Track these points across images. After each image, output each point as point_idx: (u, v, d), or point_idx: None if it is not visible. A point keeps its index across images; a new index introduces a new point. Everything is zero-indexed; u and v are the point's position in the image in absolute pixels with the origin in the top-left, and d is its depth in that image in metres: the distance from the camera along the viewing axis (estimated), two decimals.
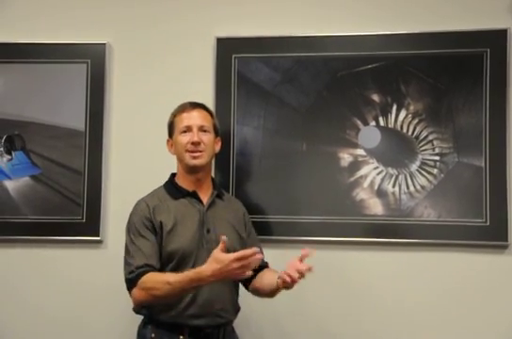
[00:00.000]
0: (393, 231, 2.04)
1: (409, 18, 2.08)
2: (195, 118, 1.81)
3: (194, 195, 1.82)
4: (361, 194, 2.06)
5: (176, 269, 1.72)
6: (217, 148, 1.88)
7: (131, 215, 1.80)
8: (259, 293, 1.84)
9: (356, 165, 2.07)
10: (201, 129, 1.80)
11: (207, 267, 1.62)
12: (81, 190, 2.14)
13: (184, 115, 1.81)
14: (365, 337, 2.06)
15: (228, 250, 1.69)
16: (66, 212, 2.13)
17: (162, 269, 1.74)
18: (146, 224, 1.76)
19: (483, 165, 2.01)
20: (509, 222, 1.99)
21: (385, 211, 2.05)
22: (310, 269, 1.66)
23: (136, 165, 1.90)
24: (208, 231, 1.79)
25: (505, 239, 1.99)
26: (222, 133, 2.06)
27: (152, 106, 2.13)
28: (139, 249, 1.74)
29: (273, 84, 2.11)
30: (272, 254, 1.96)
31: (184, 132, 1.79)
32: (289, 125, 2.10)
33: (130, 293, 1.74)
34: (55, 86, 2.16)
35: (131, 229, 1.78)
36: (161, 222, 1.76)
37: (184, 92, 2.04)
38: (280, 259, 1.94)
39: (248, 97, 2.12)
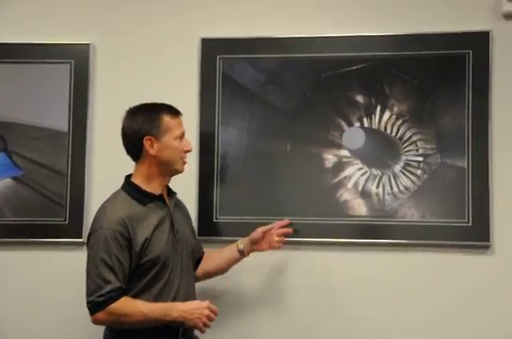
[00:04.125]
0: (377, 231, 2.13)
1: (394, 20, 2.19)
2: (182, 124, 1.90)
3: (160, 198, 1.87)
4: (345, 195, 2.15)
5: (157, 275, 1.80)
6: None
7: (100, 226, 1.78)
8: (209, 274, 2.00)
9: (340, 166, 2.16)
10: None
11: (184, 304, 1.76)
12: (64, 192, 2.23)
13: (178, 121, 1.87)
14: None
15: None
16: (48, 214, 2.22)
17: (143, 276, 1.79)
18: (121, 242, 1.76)
19: (465, 166, 2.11)
20: (491, 223, 2.09)
21: (369, 212, 2.14)
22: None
23: (120, 166, 1.91)
24: (177, 231, 1.88)
25: (487, 239, 2.09)
26: (206, 134, 2.18)
27: None
28: (111, 269, 1.74)
29: (257, 85, 2.19)
30: (254, 256, 2.05)
31: (180, 138, 1.86)
32: (273, 126, 2.19)
33: (91, 314, 1.78)
34: (38, 86, 2.25)
35: (101, 244, 1.75)
36: (139, 235, 1.78)
37: (168, 93, 2.11)
38: (262, 261, 2.13)
39: (232, 98, 2.20)
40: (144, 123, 1.84)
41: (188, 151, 1.90)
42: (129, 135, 1.86)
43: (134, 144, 1.86)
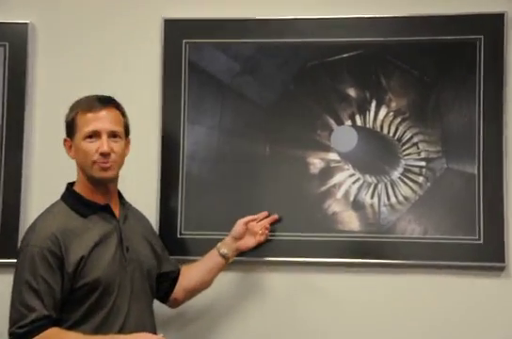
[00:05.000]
0: (372, 250, 2.02)
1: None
2: (104, 120, 1.74)
3: (107, 209, 1.77)
4: (334, 206, 2.04)
5: (99, 300, 1.70)
6: (127, 151, 1.83)
7: (27, 243, 1.70)
8: (191, 292, 1.94)
9: (328, 172, 2.06)
10: (112, 135, 1.74)
11: (128, 337, 1.67)
12: None
13: (90, 116, 1.73)
14: None
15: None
16: None
17: (82, 303, 1.69)
18: (50, 260, 1.66)
19: (476, 172, 2.00)
20: (506, 240, 1.97)
21: (362, 226, 2.03)
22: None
23: (64, 166, 1.81)
24: (127, 249, 1.76)
25: (502, 260, 1.97)
26: (170, 132, 2.06)
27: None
28: (37, 294, 1.65)
29: (231, 75, 2.09)
30: (227, 278, 1.99)
31: (90, 137, 1.73)
32: (250, 124, 2.09)
33: None
34: None
35: (27, 264, 1.67)
36: (73, 253, 1.69)
37: (123, 85, 2.04)
38: (236, 284, 2.05)
39: (201, 90, 2.09)
40: (66, 122, 1.79)
41: (101, 153, 1.73)
42: None
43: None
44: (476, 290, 1.99)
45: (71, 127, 1.75)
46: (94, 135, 1.72)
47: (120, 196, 1.84)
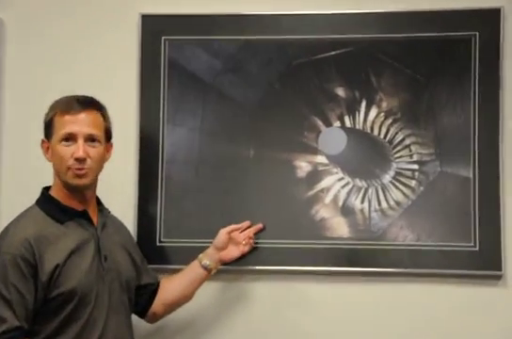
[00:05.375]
0: (362, 258, 1.99)
1: None
2: (82, 123, 1.69)
3: (84, 215, 1.73)
4: (322, 212, 2.01)
5: (75, 312, 1.66)
6: (109, 156, 1.78)
7: None
8: (171, 305, 1.90)
9: (316, 175, 2.02)
10: (90, 139, 1.70)
11: None
12: None
13: (68, 118, 1.69)
14: None
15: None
16: None
17: (56, 314, 1.64)
18: (22, 268, 1.61)
19: (471, 175, 1.97)
20: (503, 247, 1.93)
21: (352, 233, 1.99)
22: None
23: (38, 168, 1.78)
24: (105, 258, 1.73)
25: (499, 268, 1.92)
26: (148, 134, 2.04)
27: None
28: (8, 304, 1.60)
29: (213, 74, 2.05)
30: (210, 288, 1.95)
31: (66, 140, 1.69)
32: (233, 126, 2.05)
33: None
34: None
35: None
36: (48, 261, 1.64)
37: (99, 84, 2.00)
38: (219, 294, 2.01)
39: (181, 90, 2.06)
40: (44, 122, 1.75)
41: (76, 157, 1.69)
42: None
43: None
44: (472, 300, 1.95)
45: (48, 128, 1.71)
46: (70, 138, 1.68)
47: (99, 202, 1.80)
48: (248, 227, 1.96)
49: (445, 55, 1.99)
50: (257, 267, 1.97)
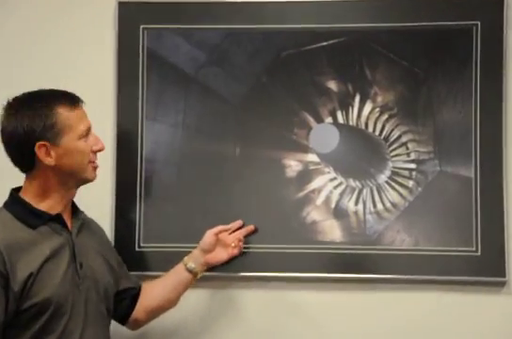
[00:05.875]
0: (356, 263, 1.95)
1: None
2: (87, 116, 1.70)
3: (58, 219, 1.67)
4: (314, 214, 1.97)
5: (49, 324, 1.60)
6: None
7: None
8: (154, 312, 1.86)
9: (306, 175, 1.99)
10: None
11: None
12: None
13: (79, 113, 1.67)
14: None
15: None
16: None
17: (29, 327, 1.58)
18: None
19: (472, 175, 1.93)
20: (507, 252, 1.88)
21: (345, 237, 1.95)
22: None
23: (3, 175, 1.74)
24: (81, 265, 1.68)
25: (502, 274, 1.88)
26: (126, 131, 2.04)
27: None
28: None
29: (196, 66, 2.00)
30: (195, 296, 1.91)
31: (86, 136, 1.69)
32: (217, 122, 2.01)
33: None
34: None
35: None
36: (21, 269, 1.58)
37: (72, 77, 1.94)
38: (205, 302, 1.97)
39: (161, 83, 2.01)
40: (33, 123, 1.62)
41: (99, 150, 1.72)
42: (13, 141, 1.65)
43: (21, 153, 1.65)
44: (474, 308, 1.91)
45: (52, 128, 1.63)
46: (88, 133, 1.70)
47: (73, 204, 1.74)
48: (239, 228, 1.92)
49: (445, 46, 1.96)
50: (243, 274, 1.92)
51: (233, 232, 1.91)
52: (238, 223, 1.91)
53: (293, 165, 1.98)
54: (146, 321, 1.86)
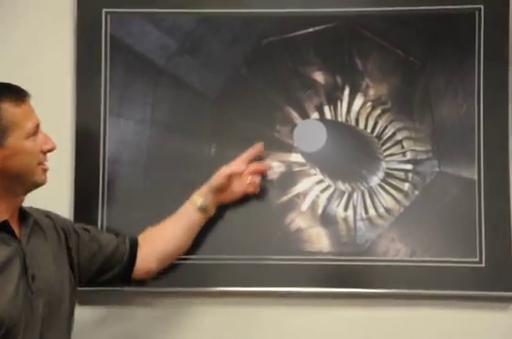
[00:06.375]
0: (346, 276, 1.88)
1: None
2: (34, 112, 1.61)
3: (5, 228, 1.58)
4: (298, 221, 1.90)
5: None
6: None
7: None
8: (167, 260, 1.80)
9: (290, 177, 1.92)
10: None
11: None
12: None
13: (26, 108, 1.60)
14: None
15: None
16: None
17: None
18: None
19: (475, 177, 1.87)
20: None
21: (333, 246, 1.88)
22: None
23: None
24: (33, 278, 1.57)
25: (510, 288, 1.81)
26: (86, 128, 1.99)
27: None
28: None
29: (166, 55, 1.92)
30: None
31: (33, 134, 1.61)
32: (190, 118, 1.93)
33: None
34: None
35: None
36: None
37: (25, 65, 1.87)
38: (172, 321, 1.88)
39: (127, 75, 1.93)
40: None
41: (49, 150, 1.64)
42: None
43: None
44: (478, 327, 1.83)
45: None
46: (36, 131, 1.62)
47: (21, 209, 1.63)
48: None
49: (444, 32, 1.88)
50: (217, 289, 1.83)
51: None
52: (254, 152, 1.83)
53: (275, 166, 1.90)
54: (159, 269, 1.83)
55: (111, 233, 1.82)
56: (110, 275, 1.76)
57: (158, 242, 1.82)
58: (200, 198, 1.81)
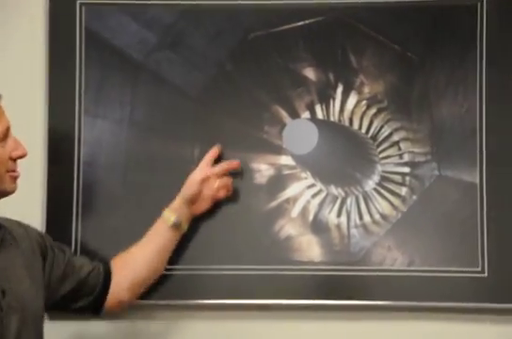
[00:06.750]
0: (339, 287, 1.81)
1: None
2: (5, 114, 1.55)
3: None
4: (288, 228, 1.83)
5: None
6: None
7: None
8: (141, 285, 1.72)
9: (279, 181, 1.85)
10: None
11: None
12: None
13: None
14: None
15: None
16: None
17: None
18: None
19: (477, 180, 1.80)
20: None
21: (326, 255, 1.82)
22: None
23: None
24: (4, 294, 1.50)
25: None
26: (59, 128, 1.94)
27: None
28: None
29: (146, 50, 1.85)
30: (135, 329, 1.76)
31: (3, 139, 1.56)
32: (172, 118, 1.87)
33: None
34: None
35: None
36: None
37: None
38: (149, 336, 1.82)
39: (103, 71, 1.86)
40: None
41: (19, 157, 1.58)
42: None
43: None
44: None
45: None
46: (6, 136, 1.57)
47: None
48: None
49: (444, 26, 1.82)
50: (200, 301, 1.76)
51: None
52: (214, 152, 1.77)
53: (263, 169, 1.84)
54: (132, 299, 1.76)
55: (85, 257, 1.74)
56: (80, 304, 1.70)
57: (128, 271, 1.78)
58: (172, 214, 1.76)
